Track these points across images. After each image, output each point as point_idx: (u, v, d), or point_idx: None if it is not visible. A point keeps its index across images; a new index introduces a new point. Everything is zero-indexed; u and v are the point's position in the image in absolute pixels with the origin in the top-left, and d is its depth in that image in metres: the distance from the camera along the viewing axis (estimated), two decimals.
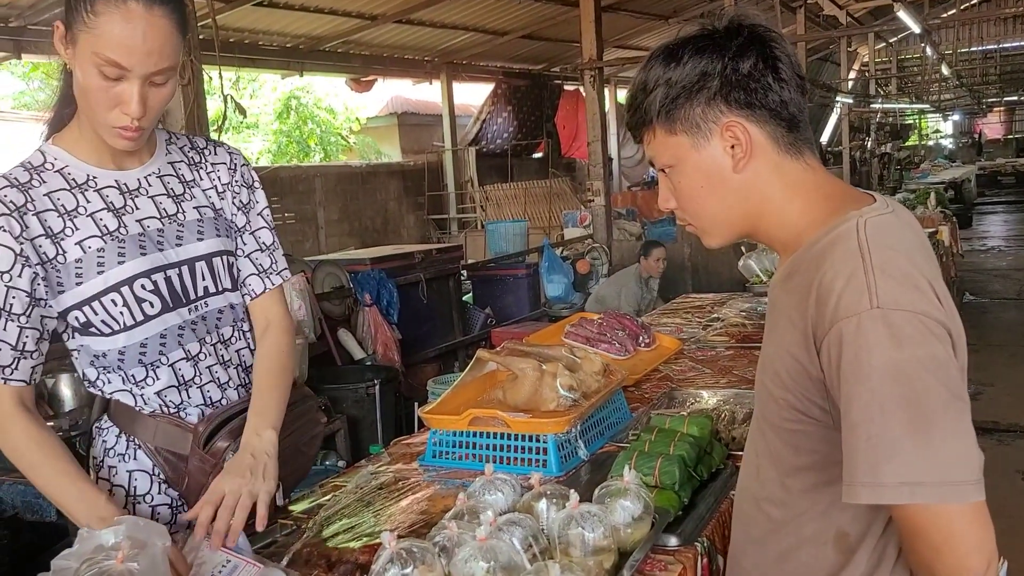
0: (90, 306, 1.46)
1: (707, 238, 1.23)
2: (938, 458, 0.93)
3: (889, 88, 19.91)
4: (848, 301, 0.99)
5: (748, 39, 1.11)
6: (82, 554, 1.13)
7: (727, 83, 1.11)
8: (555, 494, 1.44)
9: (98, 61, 1.35)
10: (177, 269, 1.55)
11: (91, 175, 1.51)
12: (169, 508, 1.59)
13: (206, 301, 1.59)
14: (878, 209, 1.10)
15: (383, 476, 1.94)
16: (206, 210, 1.62)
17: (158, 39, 1.37)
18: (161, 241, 1.53)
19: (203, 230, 1.60)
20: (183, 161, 1.63)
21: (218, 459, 1.52)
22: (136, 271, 1.49)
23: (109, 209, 1.50)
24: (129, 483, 1.58)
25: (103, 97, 1.39)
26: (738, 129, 1.12)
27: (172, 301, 1.54)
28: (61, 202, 1.47)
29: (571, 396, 1.95)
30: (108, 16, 1.34)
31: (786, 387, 1.10)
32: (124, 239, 1.49)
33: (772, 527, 1.20)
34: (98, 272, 1.46)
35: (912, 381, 0.94)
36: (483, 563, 1.20)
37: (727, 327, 3.38)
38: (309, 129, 15.46)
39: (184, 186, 1.61)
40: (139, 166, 1.57)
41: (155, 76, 1.40)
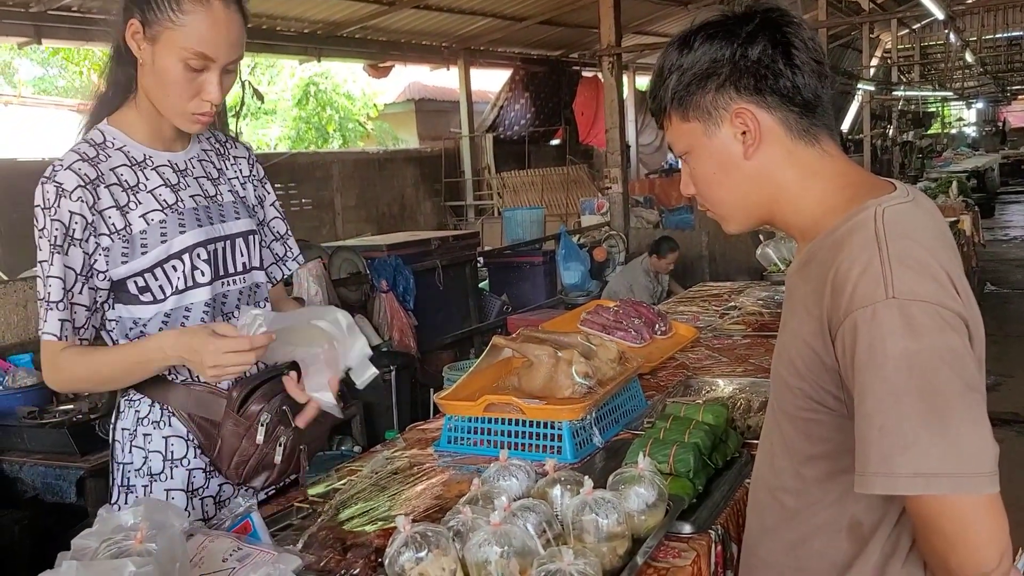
0: (152, 272, 1.59)
1: (726, 224, 1.24)
2: (952, 449, 0.93)
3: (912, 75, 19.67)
4: (864, 291, 0.98)
5: (760, 25, 1.10)
6: (101, 534, 1.15)
7: (736, 70, 1.11)
8: (569, 480, 1.44)
9: (185, 55, 1.51)
10: (223, 243, 1.68)
11: (147, 155, 1.64)
12: (203, 472, 1.66)
13: (243, 276, 1.72)
14: (897, 197, 1.09)
15: (398, 461, 1.95)
16: (237, 195, 1.77)
17: (236, 32, 1.55)
18: (211, 217, 1.68)
19: (238, 211, 1.74)
20: (213, 150, 1.78)
21: (252, 422, 1.61)
22: (195, 240, 1.63)
23: (166, 185, 1.64)
24: (166, 448, 1.64)
25: (186, 87, 1.54)
26: (747, 116, 1.12)
27: (218, 272, 1.67)
28: (124, 177, 1.60)
29: (586, 383, 1.95)
30: (195, 14, 1.50)
31: (801, 376, 1.10)
32: (183, 212, 1.63)
33: (786, 516, 1.20)
34: (162, 241, 1.59)
35: (927, 372, 0.94)
36: (497, 548, 1.20)
37: (744, 315, 3.37)
38: (328, 115, 15.49)
39: (218, 172, 1.76)
40: (183, 150, 1.71)
41: (230, 65, 1.57)
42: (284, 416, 1.64)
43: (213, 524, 1.42)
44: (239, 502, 1.44)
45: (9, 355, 3.45)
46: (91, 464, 2.93)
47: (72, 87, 14.83)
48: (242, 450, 1.61)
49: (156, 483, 1.63)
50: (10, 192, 7.41)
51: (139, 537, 1.12)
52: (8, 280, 4.14)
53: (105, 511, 1.17)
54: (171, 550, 1.14)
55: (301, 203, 10.39)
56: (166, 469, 1.64)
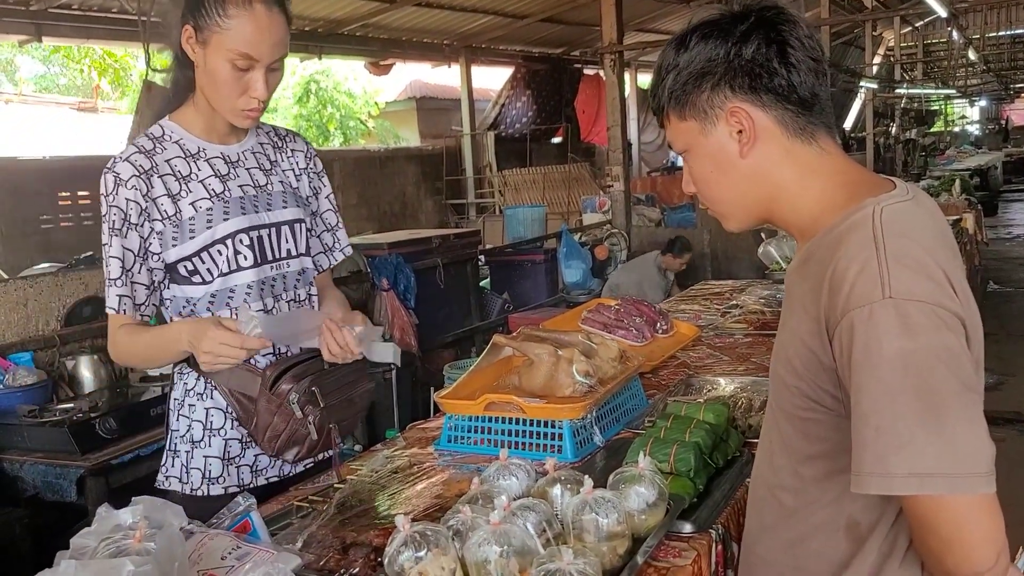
0: (199, 256, 1.73)
1: (725, 222, 1.24)
2: (948, 449, 0.92)
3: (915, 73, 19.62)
4: (861, 290, 0.98)
5: (754, 24, 1.11)
6: (100, 533, 1.15)
7: (730, 69, 1.11)
8: (569, 479, 1.43)
9: (232, 56, 1.63)
10: (268, 230, 1.81)
11: (201, 147, 1.78)
12: (240, 443, 1.81)
13: (288, 262, 1.85)
14: (896, 196, 1.09)
15: (398, 460, 1.94)
16: (287, 185, 1.89)
17: (278, 32, 1.67)
18: (257, 205, 1.80)
19: (286, 200, 1.86)
20: (269, 144, 1.92)
21: (282, 399, 1.74)
22: (238, 227, 1.76)
23: (216, 175, 1.78)
24: (206, 418, 1.80)
25: (235, 86, 1.67)
26: (742, 115, 1.12)
27: (261, 257, 1.80)
28: (177, 168, 1.74)
29: (587, 382, 1.94)
30: (239, 18, 1.62)
31: (799, 375, 1.10)
32: (228, 200, 1.77)
33: (784, 514, 1.20)
34: (207, 227, 1.73)
35: (923, 371, 0.94)
36: (496, 547, 1.20)
37: (746, 314, 3.36)
38: (329, 113, 15.48)
39: (271, 164, 1.89)
40: (237, 143, 1.85)
41: (274, 63, 1.69)
42: (312, 396, 1.76)
43: (212, 523, 1.41)
44: (239, 501, 1.44)
45: (9, 354, 3.45)
46: (91, 463, 2.92)
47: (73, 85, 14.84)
48: (274, 425, 1.75)
49: (196, 450, 1.79)
50: (11, 190, 7.42)
51: (138, 536, 1.12)
52: (8, 279, 4.14)
53: (104, 510, 1.17)
54: (170, 549, 1.13)
55: None
56: (206, 437, 1.79)
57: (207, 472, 1.78)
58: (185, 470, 1.79)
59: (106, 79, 13.73)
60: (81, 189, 7.89)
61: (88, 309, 3.79)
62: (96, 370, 3.50)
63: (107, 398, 3.34)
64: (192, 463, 1.79)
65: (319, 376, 1.79)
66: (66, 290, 3.77)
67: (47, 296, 3.69)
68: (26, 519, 2.95)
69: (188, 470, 1.79)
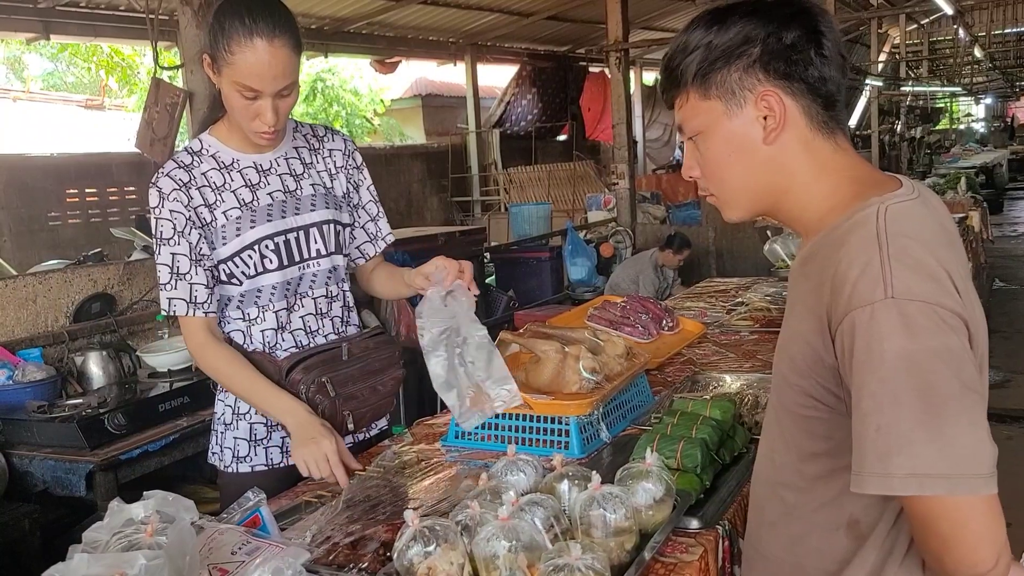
0: (232, 260, 1.86)
1: (727, 210, 1.21)
2: (949, 450, 0.92)
3: (920, 71, 19.57)
4: (862, 290, 0.98)
5: (797, 10, 1.10)
6: (112, 527, 1.16)
7: (768, 51, 1.09)
8: (577, 475, 1.44)
9: (238, 87, 1.73)
10: (295, 233, 1.92)
11: (235, 158, 1.90)
12: (265, 426, 1.95)
13: (318, 261, 1.95)
14: (902, 195, 1.08)
15: (406, 456, 1.95)
16: (319, 187, 1.98)
17: (280, 65, 1.73)
18: (284, 211, 1.91)
19: (315, 203, 1.95)
20: (305, 147, 2.00)
21: (295, 388, 1.85)
22: (263, 234, 1.87)
23: (247, 185, 1.89)
24: (235, 403, 1.96)
25: (245, 112, 1.77)
26: (773, 99, 1.10)
27: (287, 260, 1.91)
28: (212, 179, 1.87)
29: (593, 379, 1.95)
30: (241, 54, 1.70)
31: (800, 373, 1.10)
32: (256, 209, 1.88)
33: (785, 511, 1.20)
34: (236, 235, 1.86)
35: (924, 372, 0.93)
36: (505, 542, 1.21)
37: (751, 311, 3.36)
38: (335, 111, 15.50)
39: (304, 167, 1.98)
40: (271, 150, 1.94)
41: (282, 91, 1.76)
42: (322, 387, 1.86)
43: (223, 517, 1.42)
44: (248, 496, 1.45)
45: (19, 350, 3.46)
46: (100, 458, 2.93)
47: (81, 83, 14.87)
48: None
49: (228, 431, 1.96)
50: (20, 187, 7.45)
51: (149, 530, 1.13)
52: (17, 275, 4.16)
53: (116, 504, 1.18)
54: (181, 543, 1.15)
55: None
56: (234, 421, 1.95)
57: (236, 451, 1.95)
58: (220, 448, 1.98)
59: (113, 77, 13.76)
60: (89, 186, 7.92)
61: (97, 305, 3.80)
62: (105, 366, 3.52)
63: (116, 394, 3.35)
64: (224, 443, 1.97)
65: (333, 366, 1.90)
66: (75, 286, 3.78)
67: (56, 292, 3.70)
68: (35, 514, 2.95)
69: (223, 448, 1.97)
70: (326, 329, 1.99)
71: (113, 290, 3.91)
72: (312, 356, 1.90)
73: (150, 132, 4.38)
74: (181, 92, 4.30)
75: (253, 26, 1.69)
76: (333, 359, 1.92)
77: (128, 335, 3.84)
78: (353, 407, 1.92)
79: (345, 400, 1.90)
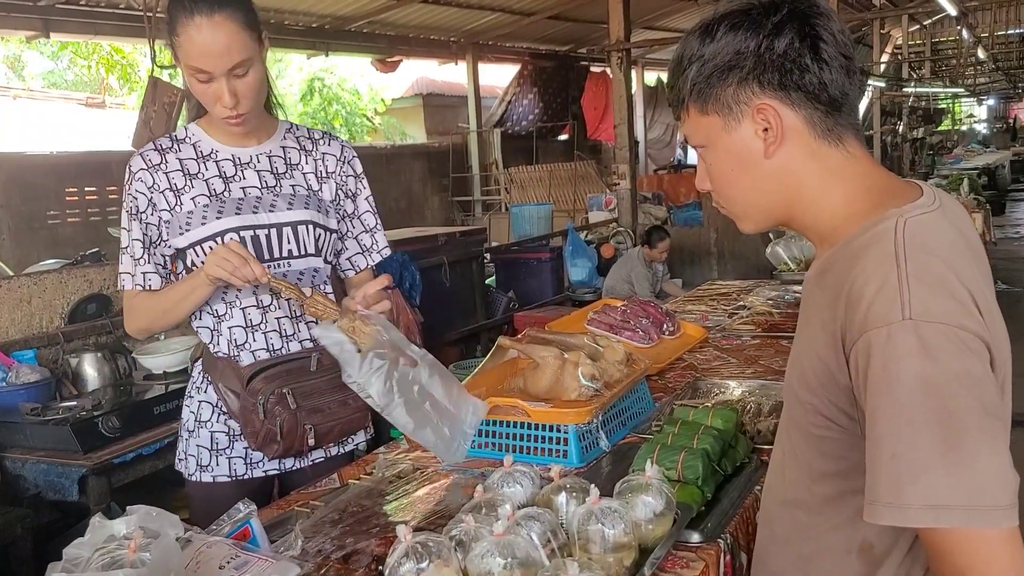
0: (193, 249, 1.81)
1: (741, 223, 1.18)
2: (967, 480, 0.87)
3: (922, 71, 19.52)
4: (879, 310, 0.93)
5: (787, 16, 1.04)
6: (94, 543, 1.12)
7: (760, 63, 1.04)
8: (575, 487, 1.40)
9: (190, 70, 1.69)
10: (266, 230, 1.84)
11: (215, 149, 1.86)
12: (227, 435, 1.90)
13: (289, 262, 1.87)
14: (922, 206, 1.03)
15: (401, 464, 1.92)
16: (300, 188, 1.91)
17: (224, 41, 1.66)
18: (257, 206, 1.84)
19: (293, 202, 1.88)
20: (295, 147, 1.95)
21: (254, 397, 1.80)
22: (228, 226, 1.81)
23: (221, 176, 1.85)
24: (197, 411, 1.91)
25: (206, 97, 1.73)
26: (770, 112, 1.06)
27: (258, 256, 1.80)
28: (187, 167, 1.84)
29: (593, 386, 1.91)
30: (186, 34, 1.66)
31: (812, 391, 1.05)
32: (225, 200, 1.83)
33: (796, 529, 1.16)
34: (201, 223, 1.80)
35: (943, 397, 0.89)
36: (500, 559, 1.17)
37: (753, 315, 3.32)
38: (334, 110, 15.46)
39: (288, 167, 1.92)
40: (255, 145, 1.89)
41: (235, 70, 1.69)
42: (283, 398, 1.81)
43: (212, 530, 1.39)
44: (239, 507, 1.41)
45: (12, 351, 3.43)
46: (93, 462, 2.90)
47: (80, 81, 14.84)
48: (251, 421, 1.82)
49: (192, 438, 1.92)
50: (19, 186, 7.42)
51: (132, 547, 1.09)
52: (13, 275, 4.13)
53: (97, 520, 1.14)
54: (165, 560, 1.11)
55: None
56: (196, 428, 1.91)
57: (199, 459, 1.91)
58: (185, 455, 1.94)
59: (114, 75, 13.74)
60: (88, 185, 7.89)
61: (92, 306, 3.77)
62: (99, 368, 3.48)
63: (110, 396, 3.31)
64: (188, 450, 1.93)
65: (298, 376, 1.85)
66: (70, 287, 3.75)
67: (51, 293, 3.67)
68: (28, 518, 2.92)
69: (187, 456, 1.93)
70: (302, 335, 1.91)
71: (109, 291, 3.87)
72: (277, 365, 1.84)
73: (147, 131, 4.35)
74: (179, 91, 4.26)
75: (192, 4, 1.65)
76: (300, 369, 1.86)
77: (124, 336, 3.80)
78: (317, 421, 1.86)
79: (309, 413, 1.84)
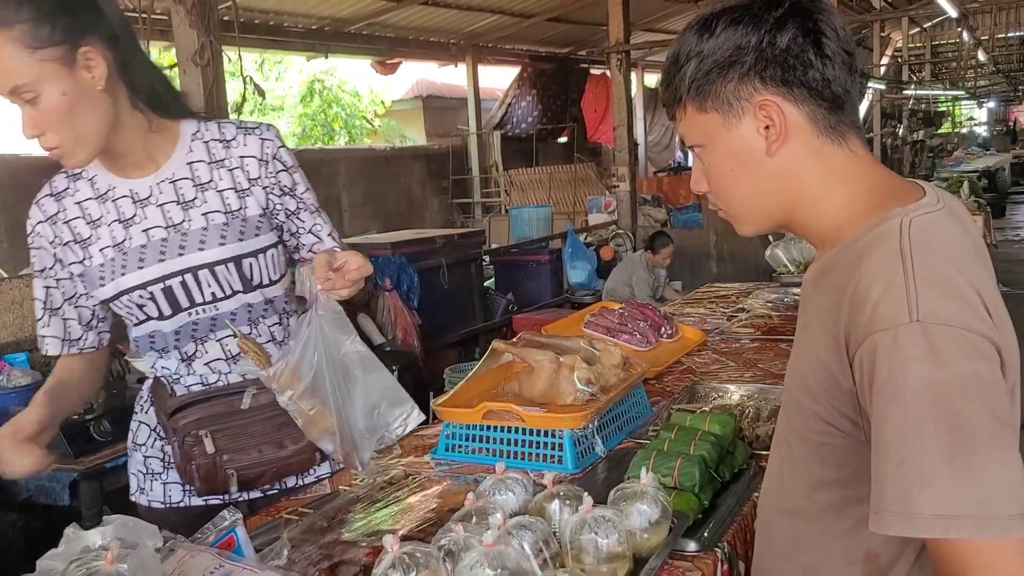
0: (113, 303, 1.64)
1: (739, 225, 1.14)
2: (978, 488, 0.84)
3: (922, 74, 19.52)
4: (885, 312, 0.90)
5: (789, 10, 1.01)
6: (68, 554, 1.09)
7: (762, 58, 1.01)
8: (568, 495, 1.37)
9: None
10: (179, 277, 1.61)
11: (111, 185, 1.62)
12: (161, 462, 1.75)
13: (215, 305, 1.64)
14: (927, 206, 1.00)
15: (393, 470, 1.88)
16: (215, 215, 1.64)
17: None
18: (164, 252, 1.61)
19: (206, 239, 1.62)
20: (203, 160, 1.65)
21: (175, 436, 1.65)
22: (134, 283, 1.60)
23: (120, 220, 1.61)
24: (137, 431, 1.80)
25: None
26: (772, 109, 1.02)
27: (170, 308, 1.62)
28: (88, 211, 1.62)
29: (588, 390, 1.88)
30: None
31: (814, 396, 1.02)
32: (127, 252, 1.60)
33: (796, 538, 1.12)
34: (111, 279, 1.60)
35: (952, 402, 0.85)
36: (489, 571, 1.14)
37: (752, 318, 3.29)
38: (334, 112, 15.45)
39: (197, 189, 1.64)
40: (154, 171, 1.63)
41: (22, 95, 1.42)
42: (199, 440, 1.64)
43: (196, 538, 1.35)
44: (224, 515, 1.38)
45: (4, 354, 3.40)
46: (85, 466, 2.88)
47: None
48: (174, 455, 1.68)
49: (131, 458, 1.80)
50: (15, 187, 7.39)
51: (109, 558, 1.06)
52: (6, 277, 4.09)
53: (71, 531, 1.11)
54: (144, 571, 1.08)
55: None
56: (132, 450, 1.80)
57: (138, 482, 1.78)
58: (128, 474, 1.81)
59: None
60: None
61: None
62: None
63: (102, 399, 3.28)
64: (131, 469, 1.80)
65: (227, 418, 1.65)
66: None
67: None
68: (20, 524, 2.90)
69: (129, 475, 1.81)
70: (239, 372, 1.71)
71: None
72: (204, 401, 1.65)
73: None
74: None
75: None
76: (229, 409, 1.65)
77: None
78: (242, 466, 1.65)
79: (232, 456, 1.64)
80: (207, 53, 3.88)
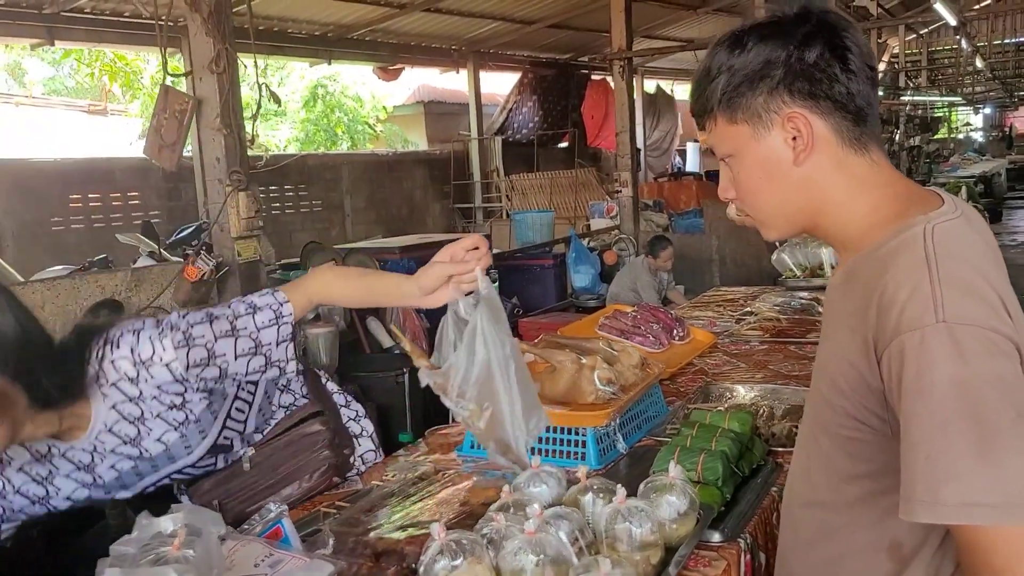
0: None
1: (765, 231, 1.20)
2: (1002, 478, 0.90)
3: (919, 80, 19.61)
4: (912, 314, 0.96)
5: (816, 27, 1.08)
6: (140, 540, 1.15)
7: (791, 72, 1.07)
8: (602, 488, 1.44)
9: None
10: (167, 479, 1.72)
11: (50, 444, 1.56)
12: None
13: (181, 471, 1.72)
14: (947, 213, 1.06)
15: (422, 466, 1.95)
16: (170, 434, 1.62)
17: None
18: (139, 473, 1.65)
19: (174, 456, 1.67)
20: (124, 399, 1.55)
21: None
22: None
23: (79, 468, 1.59)
24: None
25: None
26: (800, 121, 1.09)
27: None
28: (35, 471, 1.57)
29: (609, 389, 1.94)
30: None
31: (843, 394, 1.07)
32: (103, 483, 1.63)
33: (822, 531, 1.18)
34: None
35: (976, 398, 0.91)
36: (532, 556, 1.20)
37: (760, 321, 3.36)
38: (336, 118, 15.50)
39: (136, 424, 1.58)
40: (83, 434, 1.56)
41: None
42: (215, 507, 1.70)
43: (244, 529, 1.42)
44: (270, 508, 1.44)
45: None
46: None
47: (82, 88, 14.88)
48: None
49: None
50: (22, 192, 7.43)
51: (176, 544, 1.12)
52: (25, 281, 4.15)
53: (144, 518, 1.17)
54: (208, 557, 1.14)
55: (311, 204, 10.39)
56: None
57: None
58: None
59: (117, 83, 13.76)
60: (92, 191, 7.90)
61: (105, 312, 3.79)
62: None
63: None
64: None
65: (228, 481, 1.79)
66: (82, 292, 3.78)
67: (64, 299, 3.70)
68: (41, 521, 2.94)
69: None
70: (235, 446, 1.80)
71: (121, 296, 3.90)
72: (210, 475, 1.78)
73: (159, 138, 4.38)
74: (190, 99, 4.30)
75: None
76: (232, 473, 1.79)
77: None
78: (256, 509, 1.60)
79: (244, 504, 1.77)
80: (223, 60, 3.94)
